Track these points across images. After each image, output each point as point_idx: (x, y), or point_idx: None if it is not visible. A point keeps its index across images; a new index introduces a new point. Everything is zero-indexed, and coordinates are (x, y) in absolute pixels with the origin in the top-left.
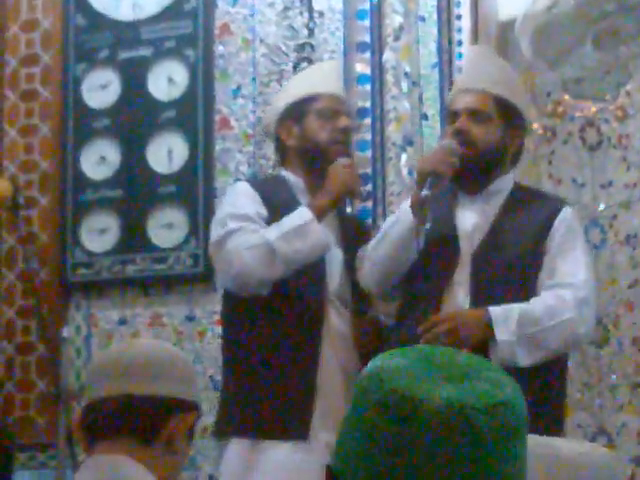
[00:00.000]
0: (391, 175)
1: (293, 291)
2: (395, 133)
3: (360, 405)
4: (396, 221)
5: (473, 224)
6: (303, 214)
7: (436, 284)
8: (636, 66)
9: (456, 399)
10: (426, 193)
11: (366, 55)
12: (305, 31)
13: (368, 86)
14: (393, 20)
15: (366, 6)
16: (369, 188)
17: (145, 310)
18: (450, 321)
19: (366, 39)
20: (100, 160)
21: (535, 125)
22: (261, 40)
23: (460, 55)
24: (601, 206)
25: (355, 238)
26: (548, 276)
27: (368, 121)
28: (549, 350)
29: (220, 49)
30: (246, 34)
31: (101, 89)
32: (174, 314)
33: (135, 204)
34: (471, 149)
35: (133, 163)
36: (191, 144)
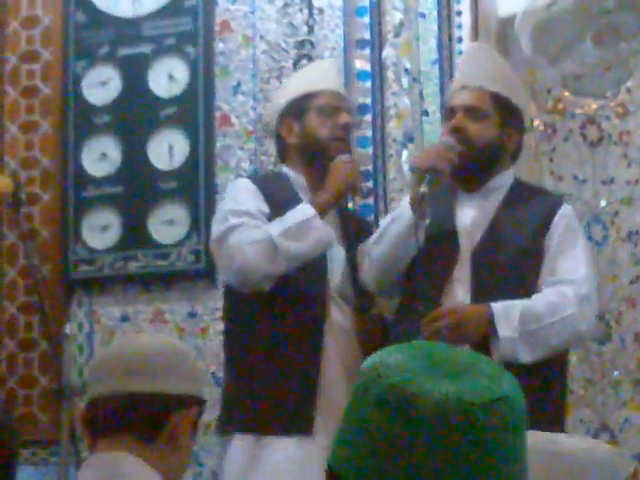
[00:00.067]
0: (392, 172)
1: (295, 288)
2: (396, 130)
3: (358, 401)
4: (395, 218)
5: (472, 221)
6: (305, 210)
7: (435, 281)
8: (636, 63)
9: (454, 395)
10: (424, 190)
11: (366, 52)
12: (305, 28)
13: (368, 83)
14: (393, 17)
15: (366, 3)
16: (370, 185)
17: (147, 307)
18: (452, 316)
19: (366, 36)
20: (101, 157)
21: (536, 122)
22: (261, 37)
23: (460, 52)
24: (602, 202)
25: (357, 235)
26: (549, 273)
27: (369, 118)
28: (551, 347)
29: (220, 46)
30: (246, 31)
31: (101, 86)
32: (176, 310)
33: (136, 200)
34: (467, 146)
35: (134, 160)
36: (192, 141)
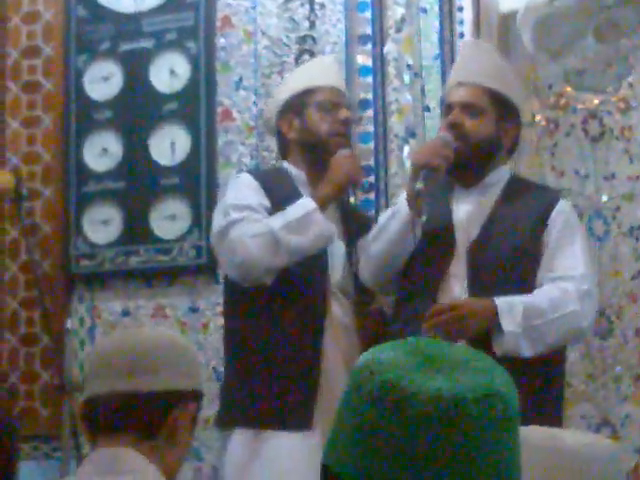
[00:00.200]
0: (393, 167)
1: (296, 283)
2: (397, 125)
3: (352, 398)
4: (392, 214)
5: (469, 216)
6: (306, 204)
7: (432, 276)
8: (638, 58)
9: (447, 390)
10: (420, 186)
11: (368, 47)
12: (306, 23)
13: (370, 78)
14: (395, 12)
15: None
16: (371, 180)
17: (148, 302)
18: (456, 309)
19: (368, 31)
20: (102, 152)
21: (537, 117)
22: (263, 32)
23: None
24: (604, 198)
25: (357, 230)
26: (548, 270)
27: (370, 113)
28: (552, 342)
29: (222, 41)
30: (247, 26)
31: (103, 81)
32: (177, 305)
33: (138, 196)
34: (464, 142)
35: (135, 155)
36: (193, 136)
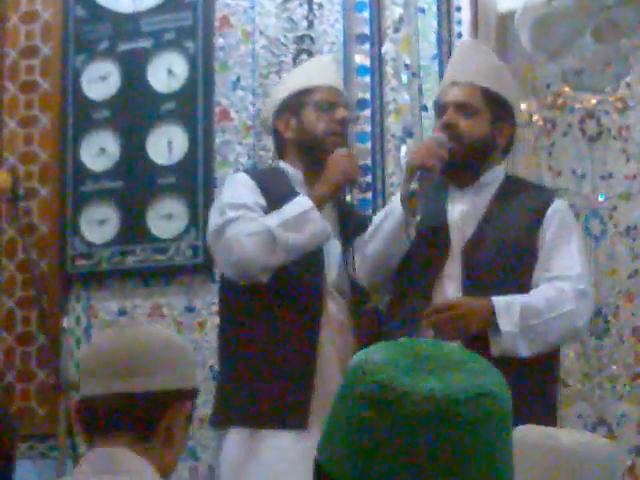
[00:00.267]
0: (391, 166)
1: (292, 282)
2: (395, 125)
3: (344, 398)
4: (386, 215)
5: (463, 216)
6: (303, 202)
7: (426, 277)
8: (636, 58)
9: (439, 391)
10: (414, 187)
11: (366, 47)
12: (304, 23)
13: (368, 78)
14: (393, 12)
15: None
16: (369, 179)
17: (145, 301)
18: (456, 308)
19: (365, 31)
20: (100, 151)
21: (535, 117)
22: (261, 32)
23: None
24: (601, 197)
25: (353, 229)
26: (544, 270)
27: (368, 113)
28: (549, 342)
29: (220, 41)
30: (246, 26)
31: (101, 80)
32: (174, 305)
33: (135, 195)
34: (458, 143)
35: (133, 154)
36: (191, 135)
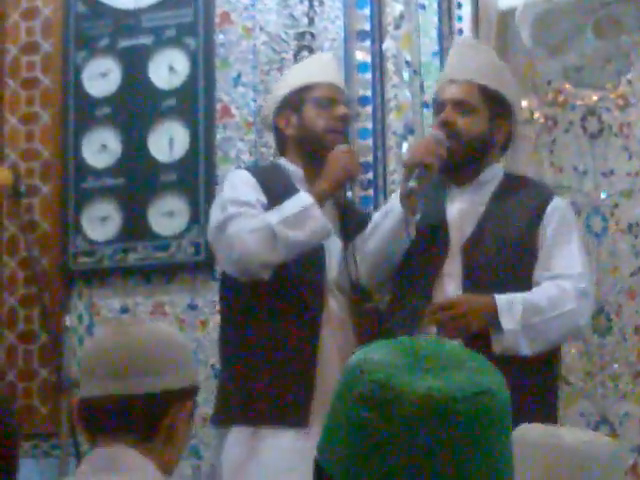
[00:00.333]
0: (392, 164)
1: (293, 279)
2: (396, 121)
3: (342, 397)
4: (386, 213)
5: (463, 214)
6: (304, 199)
7: (426, 275)
8: (637, 55)
9: (437, 390)
10: (413, 185)
11: (366, 44)
12: (305, 19)
13: (369, 74)
14: (394, 8)
15: None
16: (370, 176)
17: (147, 299)
18: (459, 306)
19: (366, 27)
20: (101, 148)
21: (536, 114)
22: (261, 28)
23: None
24: (603, 194)
25: (354, 227)
26: (545, 269)
27: (369, 109)
28: (550, 340)
29: (221, 37)
30: (246, 22)
31: (102, 77)
32: (176, 302)
33: (136, 192)
34: (456, 141)
35: (134, 151)
36: (192, 132)
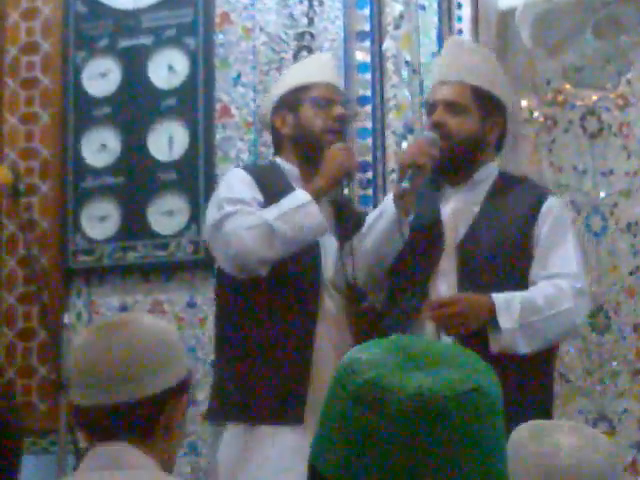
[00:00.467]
0: (391, 163)
1: (289, 277)
2: (395, 121)
3: (335, 397)
4: (380, 214)
5: (458, 214)
6: (301, 195)
7: (421, 275)
8: (637, 55)
9: (427, 388)
10: (406, 185)
11: (366, 44)
12: (305, 20)
13: (368, 74)
14: (393, 8)
15: None
16: (369, 176)
17: (146, 297)
18: (458, 304)
19: (366, 28)
20: (101, 147)
21: (536, 113)
22: (261, 29)
23: None
24: (602, 194)
25: (350, 226)
26: (540, 267)
27: (368, 109)
28: (547, 339)
29: (220, 38)
30: (246, 23)
31: (101, 77)
32: (175, 301)
33: (136, 191)
34: (448, 141)
35: (134, 151)
36: (191, 132)
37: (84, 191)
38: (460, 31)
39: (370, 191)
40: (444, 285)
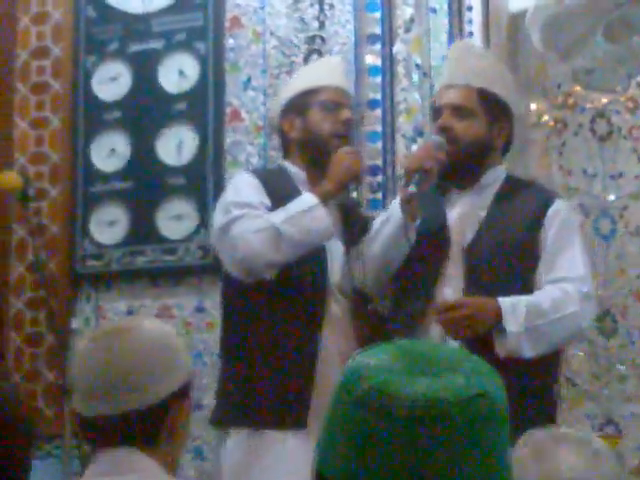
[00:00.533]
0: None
1: (295, 281)
2: (405, 124)
3: (340, 401)
4: (387, 219)
5: (464, 218)
6: (308, 199)
7: (428, 279)
8: None
9: (432, 393)
10: (412, 190)
11: (377, 47)
12: (315, 23)
13: (379, 78)
14: (404, 12)
15: None
16: (379, 179)
17: (154, 302)
18: (466, 308)
19: (377, 31)
20: (110, 152)
21: (545, 117)
22: (271, 32)
23: None
24: (611, 197)
25: (357, 230)
26: (547, 271)
27: (378, 113)
28: (553, 343)
29: (230, 42)
30: (256, 26)
31: (111, 81)
32: (183, 305)
33: (144, 196)
34: (454, 145)
35: (143, 155)
36: (201, 136)
37: (93, 196)
38: (471, 34)
39: (380, 195)
40: (450, 289)
